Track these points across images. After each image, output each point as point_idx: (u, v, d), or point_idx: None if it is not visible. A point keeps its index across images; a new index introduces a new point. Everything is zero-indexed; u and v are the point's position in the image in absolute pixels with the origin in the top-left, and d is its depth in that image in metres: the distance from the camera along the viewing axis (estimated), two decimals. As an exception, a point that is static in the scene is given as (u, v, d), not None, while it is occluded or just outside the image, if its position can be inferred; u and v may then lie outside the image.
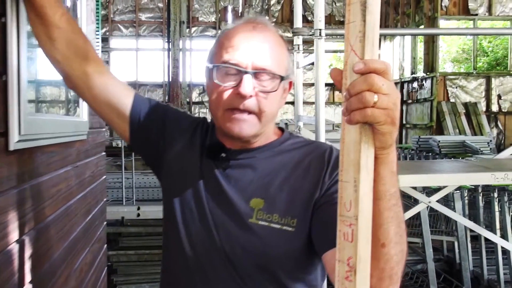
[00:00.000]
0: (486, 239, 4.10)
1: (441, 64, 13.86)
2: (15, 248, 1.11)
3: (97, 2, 2.39)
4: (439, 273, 4.57)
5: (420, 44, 11.01)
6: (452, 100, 10.16)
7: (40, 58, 1.19)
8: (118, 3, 11.79)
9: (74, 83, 1.07)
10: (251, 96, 0.95)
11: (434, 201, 3.08)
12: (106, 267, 2.67)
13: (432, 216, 4.80)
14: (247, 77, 0.94)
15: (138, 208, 5.73)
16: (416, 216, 4.30)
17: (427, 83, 10.20)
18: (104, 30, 11.60)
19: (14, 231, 1.11)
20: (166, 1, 9.69)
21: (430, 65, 10.09)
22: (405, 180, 2.71)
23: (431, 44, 10.05)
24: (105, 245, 2.61)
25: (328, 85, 10.70)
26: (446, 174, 2.99)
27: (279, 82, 0.98)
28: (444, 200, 4.27)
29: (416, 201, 3.35)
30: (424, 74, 10.25)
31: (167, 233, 1.09)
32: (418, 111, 10.57)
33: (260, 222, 0.96)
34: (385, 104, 0.62)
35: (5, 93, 1.06)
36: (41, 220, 1.36)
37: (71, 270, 1.74)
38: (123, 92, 1.09)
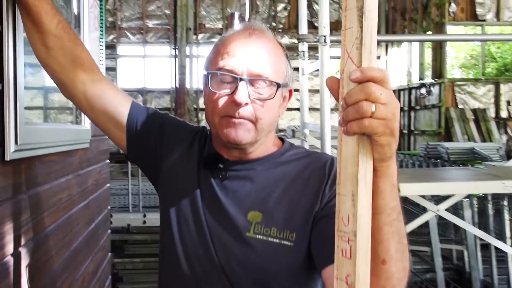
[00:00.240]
0: (497, 248, 4.03)
1: (449, 70, 13.77)
2: (12, 260, 1.10)
3: (101, 9, 2.39)
4: (449, 283, 4.51)
5: (428, 50, 10.95)
6: (461, 106, 10.09)
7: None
8: (126, 10, 11.87)
9: (70, 92, 1.05)
10: (247, 104, 0.92)
11: (443, 210, 3.03)
12: (111, 276, 2.65)
13: (441, 224, 4.74)
14: (242, 85, 0.92)
15: (144, 215, 5.71)
16: (425, 225, 4.25)
17: (435, 89, 10.14)
18: (112, 37, 11.68)
19: (11, 242, 1.09)
20: (173, 8, 9.74)
21: (438, 71, 10.04)
22: (413, 189, 2.67)
23: (439, 50, 10.00)
24: (109, 254, 2.60)
25: (335, 92, 10.64)
26: (455, 182, 2.95)
27: (276, 90, 0.95)
28: (453, 208, 4.21)
29: (425, 209, 3.30)
30: (432, 80, 10.19)
31: (163, 243, 1.06)
32: (426, 118, 10.51)
33: (258, 236, 0.94)
34: (383, 114, 0.60)
35: (2, 103, 1.05)
36: (41, 230, 1.35)
37: (73, 280, 1.72)
38: (120, 101, 1.07)
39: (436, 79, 10.02)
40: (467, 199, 4.21)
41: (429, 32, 10.16)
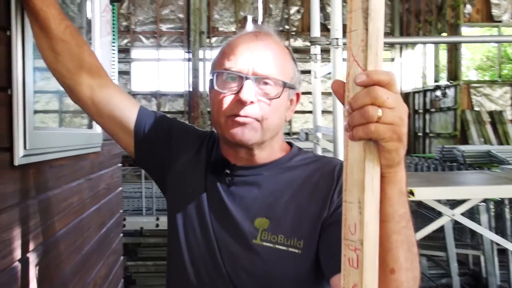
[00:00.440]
0: (514, 253, 3.96)
1: (465, 72, 13.59)
2: (23, 264, 1.10)
3: (113, 14, 2.40)
4: (465, 288, 4.43)
5: (443, 52, 10.83)
6: (477, 109, 9.94)
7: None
8: (140, 15, 11.97)
9: (78, 97, 1.05)
10: (252, 102, 0.91)
11: (458, 214, 2.98)
12: (123, 279, 2.65)
13: (457, 229, 4.66)
14: (248, 83, 0.91)
15: (157, 219, 5.73)
16: (440, 229, 4.18)
17: (451, 92, 10.01)
18: (126, 41, 11.79)
19: (22, 247, 1.09)
20: (187, 12, 9.79)
21: (453, 73, 9.91)
22: (428, 193, 2.64)
23: (454, 52, 9.88)
24: (122, 257, 2.60)
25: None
26: (471, 186, 2.89)
27: (282, 89, 0.94)
28: (469, 213, 4.14)
29: (440, 214, 3.25)
30: (448, 82, 10.06)
31: (170, 248, 1.05)
32: (442, 120, 10.38)
33: (265, 243, 0.92)
34: (390, 119, 0.58)
35: (10, 108, 1.05)
36: (51, 235, 1.35)
37: (84, 284, 1.72)
38: (128, 106, 1.07)
39: (452, 81, 9.90)
40: (484, 204, 4.14)
41: (444, 34, 10.05)
